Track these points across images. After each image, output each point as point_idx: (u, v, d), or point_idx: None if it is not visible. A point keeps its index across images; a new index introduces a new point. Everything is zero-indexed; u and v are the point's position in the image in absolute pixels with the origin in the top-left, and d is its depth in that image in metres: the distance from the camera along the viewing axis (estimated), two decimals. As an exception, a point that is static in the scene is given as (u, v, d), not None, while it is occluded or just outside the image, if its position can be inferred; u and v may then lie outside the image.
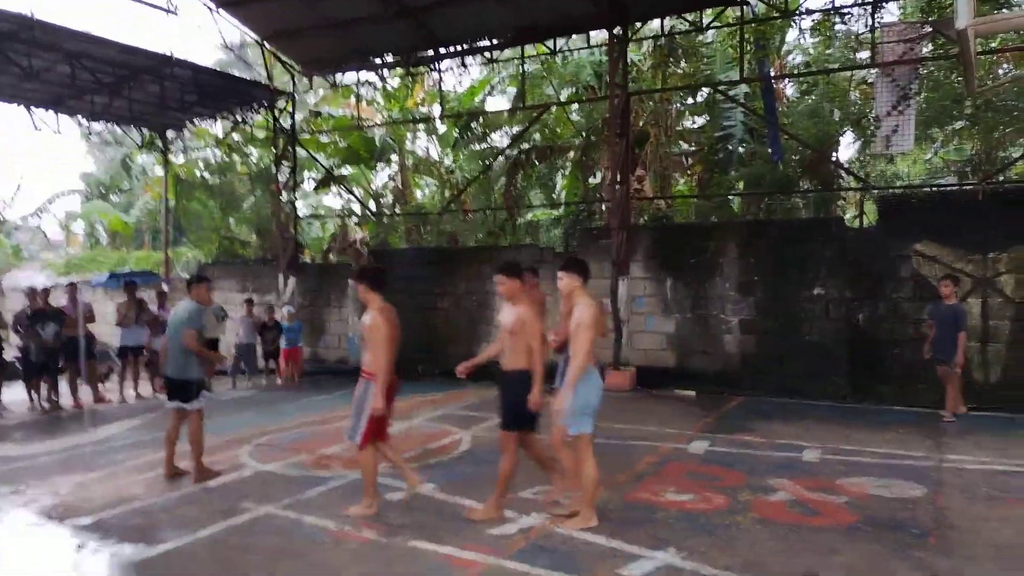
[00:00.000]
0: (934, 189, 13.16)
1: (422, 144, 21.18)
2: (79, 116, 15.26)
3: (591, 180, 17.14)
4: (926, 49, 11.19)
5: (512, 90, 17.76)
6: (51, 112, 14.70)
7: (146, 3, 12.39)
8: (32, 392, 10.68)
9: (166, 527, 5.25)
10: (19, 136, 73.74)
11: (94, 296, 17.24)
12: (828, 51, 14.86)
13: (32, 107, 14.34)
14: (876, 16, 10.85)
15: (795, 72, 15.65)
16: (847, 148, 17.51)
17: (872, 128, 11.18)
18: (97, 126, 16.55)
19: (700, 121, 16.96)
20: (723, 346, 11.38)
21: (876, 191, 12.64)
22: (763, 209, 14.63)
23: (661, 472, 6.54)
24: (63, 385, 11.00)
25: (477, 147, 18.51)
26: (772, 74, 13.57)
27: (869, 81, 13.55)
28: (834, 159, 14.58)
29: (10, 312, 12.04)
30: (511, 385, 5.12)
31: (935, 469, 6.58)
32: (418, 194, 21.59)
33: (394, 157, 20.03)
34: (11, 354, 11.23)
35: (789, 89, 16.49)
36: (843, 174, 14.58)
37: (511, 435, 5.18)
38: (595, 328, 4.97)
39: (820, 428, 8.42)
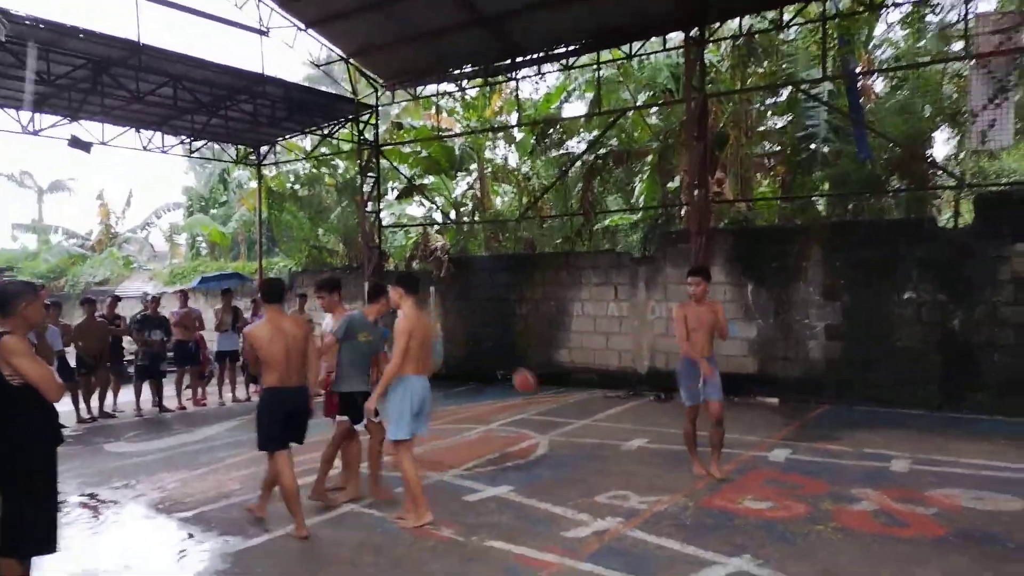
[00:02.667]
0: (1038, 185, 12.41)
1: (500, 152, 21.48)
2: (182, 135, 16.28)
3: (670, 184, 16.95)
4: (1026, 38, 10.59)
5: (588, 95, 17.80)
6: (157, 132, 15.76)
7: (240, 26, 13.20)
8: (137, 394, 11.25)
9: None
10: (128, 154, 79.06)
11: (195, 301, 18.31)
12: (919, 44, 14.22)
13: (140, 128, 15.41)
14: (970, 6, 10.35)
15: (883, 67, 15.05)
16: (943, 144, 16.70)
17: (967, 123, 10.65)
18: (197, 143, 17.57)
19: (782, 121, 16.51)
20: (807, 352, 11.07)
21: (973, 189, 12.02)
22: (850, 210, 14.12)
23: (740, 480, 6.47)
24: (169, 388, 11.75)
25: (554, 153, 18.62)
26: (858, 70, 13.10)
27: (964, 74, 12.91)
28: (927, 156, 13.94)
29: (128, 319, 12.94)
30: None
31: (1035, 482, 6.26)
32: (496, 201, 21.88)
33: (473, 166, 20.39)
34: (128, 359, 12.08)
35: (878, 85, 15.86)
36: (938, 172, 13.91)
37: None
38: (412, 336, 5.23)
39: (911, 437, 8.11)
